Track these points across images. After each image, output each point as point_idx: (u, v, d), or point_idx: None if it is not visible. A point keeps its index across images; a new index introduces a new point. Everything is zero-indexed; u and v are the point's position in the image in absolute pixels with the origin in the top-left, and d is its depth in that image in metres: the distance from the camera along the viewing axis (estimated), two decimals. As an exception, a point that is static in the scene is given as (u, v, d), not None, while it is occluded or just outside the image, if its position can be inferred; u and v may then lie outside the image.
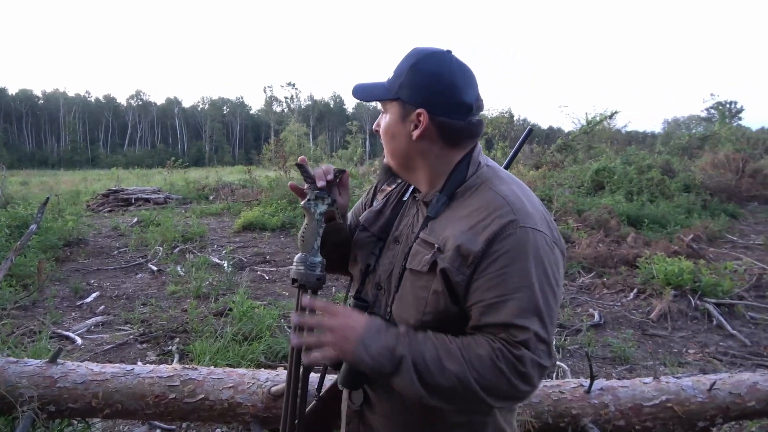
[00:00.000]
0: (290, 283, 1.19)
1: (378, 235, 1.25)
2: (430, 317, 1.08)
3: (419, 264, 1.10)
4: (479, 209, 1.08)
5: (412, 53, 1.14)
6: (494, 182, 1.12)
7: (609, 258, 6.96)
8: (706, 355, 4.26)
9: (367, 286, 1.24)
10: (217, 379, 2.56)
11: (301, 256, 1.16)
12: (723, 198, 13.37)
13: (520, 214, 1.04)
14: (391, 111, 1.16)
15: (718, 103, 44.48)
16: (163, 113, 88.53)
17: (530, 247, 1.02)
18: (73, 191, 17.34)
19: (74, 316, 5.08)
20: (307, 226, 1.17)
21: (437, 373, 0.99)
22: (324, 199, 1.18)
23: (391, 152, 1.19)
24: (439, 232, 1.11)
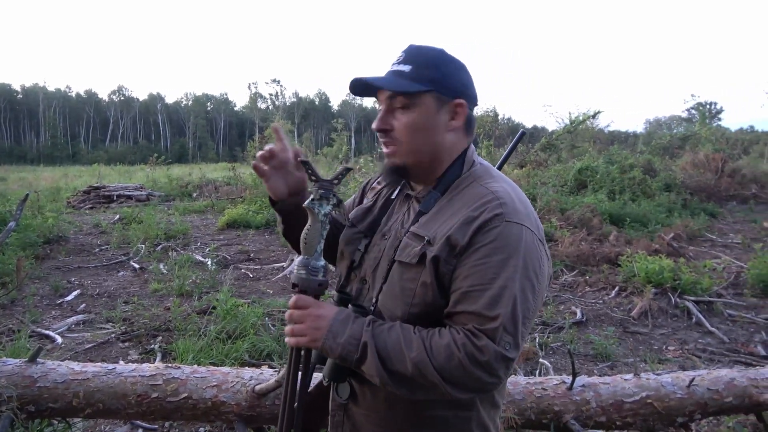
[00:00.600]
0: (291, 287, 1.15)
1: (365, 232, 1.26)
2: (417, 309, 1.09)
3: (408, 256, 1.11)
4: (469, 203, 1.10)
5: (425, 48, 1.15)
6: (485, 179, 1.15)
7: (591, 256, 7.04)
8: (686, 352, 4.33)
9: (351, 280, 1.25)
10: (200, 377, 2.54)
11: (302, 259, 1.12)
12: (703, 197, 13.60)
13: (507, 208, 1.06)
14: (422, 104, 1.12)
15: (699, 104, 45.24)
16: (145, 109, 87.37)
17: (513, 240, 1.03)
18: (53, 188, 17.06)
19: (54, 315, 5.01)
20: (310, 227, 1.11)
21: (398, 359, 1.02)
22: (329, 200, 1.13)
23: (416, 148, 1.14)
24: (429, 225, 1.13)
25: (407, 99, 1.12)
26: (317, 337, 1.07)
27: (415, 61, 1.13)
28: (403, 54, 1.15)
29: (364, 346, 1.04)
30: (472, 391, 1.03)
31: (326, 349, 1.07)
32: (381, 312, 1.14)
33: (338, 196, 1.15)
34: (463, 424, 1.16)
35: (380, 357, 1.03)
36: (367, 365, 1.04)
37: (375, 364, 1.03)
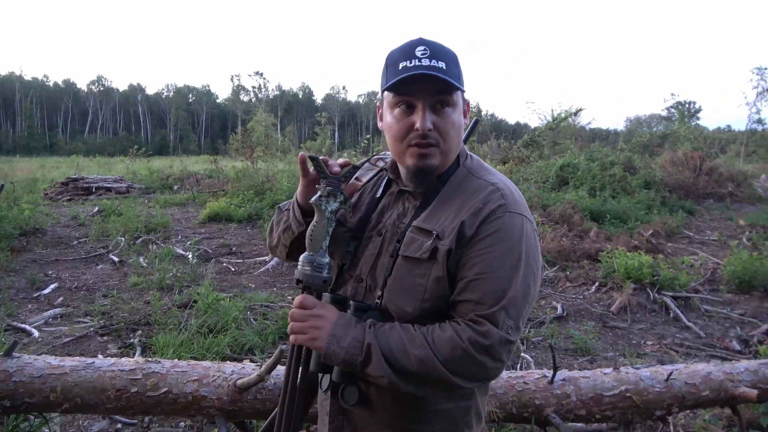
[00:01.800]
0: (294, 283, 1.14)
1: (353, 231, 1.24)
2: (429, 304, 1.09)
3: (417, 251, 1.10)
4: (471, 196, 1.11)
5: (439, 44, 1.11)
6: (482, 172, 1.18)
7: (572, 252, 7.11)
8: (664, 347, 4.41)
9: (345, 282, 1.23)
10: (181, 372, 2.51)
11: (307, 255, 1.10)
12: (681, 195, 13.84)
13: (508, 200, 1.10)
14: (458, 103, 1.12)
15: (678, 103, 46.01)
16: (125, 100, 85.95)
17: (516, 230, 1.07)
18: (30, 179, 16.73)
19: (31, 308, 4.92)
20: (316, 224, 1.10)
21: (403, 357, 1.02)
22: (336, 197, 1.12)
23: (453, 147, 1.13)
24: (433, 219, 1.12)
25: (449, 98, 1.09)
26: (317, 336, 1.07)
27: (445, 58, 1.08)
28: (427, 48, 1.08)
29: (368, 348, 1.04)
30: (478, 378, 1.05)
31: (330, 354, 1.06)
32: (387, 309, 1.13)
33: (345, 194, 1.14)
34: (464, 415, 1.18)
35: (385, 357, 1.03)
36: (373, 367, 1.04)
37: (381, 364, 1.02)
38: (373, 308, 1.13)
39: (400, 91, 1.09)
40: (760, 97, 45.55)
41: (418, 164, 1.12)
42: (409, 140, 1.11)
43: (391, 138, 1.14)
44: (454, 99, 1.10)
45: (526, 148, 18.52)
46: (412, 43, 1.10)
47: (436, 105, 1.09)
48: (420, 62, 1.06)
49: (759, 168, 26.78)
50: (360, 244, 1.22)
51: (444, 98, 1.09)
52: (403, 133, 1.11)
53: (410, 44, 1.10)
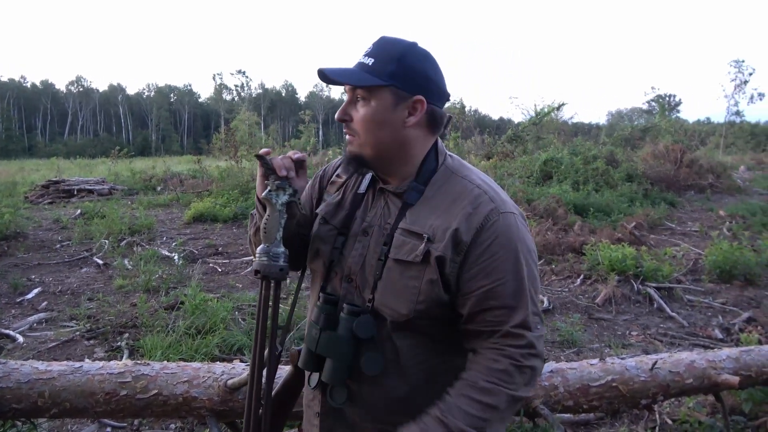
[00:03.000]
0: (253, 274, 1.18)
1: (339, 229, 1.24)
2: (423, 306, 1.10)
3: (409, 254, 1.11)
4: (459, 198, 1.13)
5: (393, 41, 1.15)
6: (464, 172, 1.19)
7: (557, 245, 7.19)
8: (648, 337, 4.48)
9: (332, 279, 1.23)
10: (170, 373, 2.50)
11: (263, 247, 1.15)
12: (663, 187, 14.03)
13: (497, 201, 1.12)
14: (380, 98, 1.12)
15: (659, 96, 46.59)
16: (105, 100, 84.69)
17: (513, 230, 1.11)
18: (9, 182, 16.45)
19: (14, 314, 4.85)
20: (269, 217, 1.15)
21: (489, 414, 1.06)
22: (285, 190, 1.17)
23: (374, 141, 1.15)
24: (422, 221, 1.13)
25: (365, 92, 1.12)
26: None
27: (380, 54, 1.12)
28: (372, 46, 1.14)
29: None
30: (534, 379, 1.11)
31: None
32: (379, 310, 1.14)
33: (294, 187, 1.19)
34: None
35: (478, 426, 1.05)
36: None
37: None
38: (365, 311, 1.14)
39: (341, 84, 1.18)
40: (738, 89, 46.31)
41: (345, 149, 1.22)
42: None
43: None
44: (371, 94, 1.12)
45: (510, 143, 18.64)
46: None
47: (354, 98, 1.15)
48: (359, 60, 1.15)
49: (738, 159, 27.30)
50: (346, 242, 1.22)
51: (358, 93, 1.14)
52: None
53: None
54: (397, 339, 1.14)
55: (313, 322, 1.19)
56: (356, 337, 1.12)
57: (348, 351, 1.13)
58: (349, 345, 1.13)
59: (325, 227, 1.27)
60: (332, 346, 1.14)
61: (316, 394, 1.23)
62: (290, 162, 1.20)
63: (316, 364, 1.18)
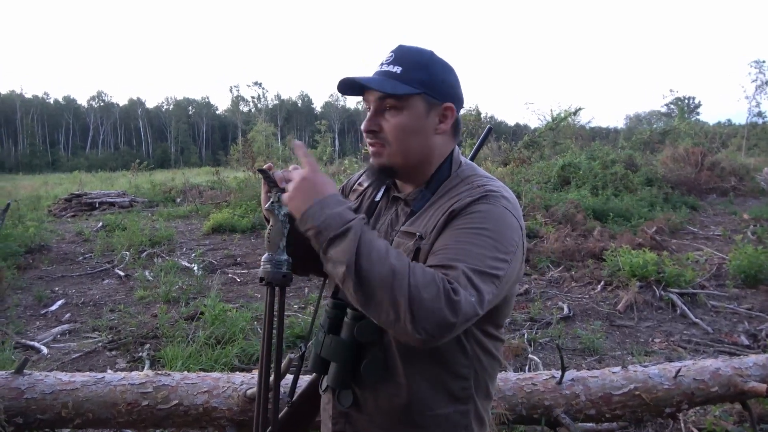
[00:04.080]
0: (258, 281, 1.22)
1: None
2: None
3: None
4: (456, 198, 1.12)
5: (416, 49, 1.15)
6: (473, 178, 1.18)
7: (576, 252, 7.11)
8: (671, 344, 4.40)
9: None
10: (191, 384, 2.53)
11: (267, 255, 1.19)
12: (683, 191, 13.82)
13: (493, 193, 1.10)
14: (412, 106, 1.13)
15: (677, 99, 46.03)
16: (126, 114, 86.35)
17: (491, 216, 1.06)
18: (33, 196, 16.79)
19: (39, 325, 4.94)
20: (272, 227, 1.19)
21: (378, 259, 0.95)
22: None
23: (406, 150, 1.15)
24: (418, 223, 1.15)
25: (397, 101, 1.12)
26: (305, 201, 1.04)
27: (406, 62, 1.13)
28: (393, 54, 1.15)
29: (348, 228, 0.98)
30: (429, 329, 0.93)
31: (307, 216, 1.02)
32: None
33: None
34: (463, 419, 1.17)
35: (359, 246, 0.96)
36: (340, 248, 0.97)
37: (350, 250, 0.96)
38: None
39: (361, 94, 1.18)
40: (759, 90, 45.57)
41: (371, 161, 1.19)
42: (366, 140, 1.18)
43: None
44: (402, 103, 1.12)
45: (526, 149, 18.53)
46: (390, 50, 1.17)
47: (382, 108, 1.14)
48: (380, 68, 1.15)
49: (761, 161, 26.72)
50: None
51: (388, 102, 1.12)
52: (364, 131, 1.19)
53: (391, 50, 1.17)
54: (397, 345, 1.14)
55: (320, 325, 1.22)
56: (358, 341, 1.13)
57: (350, 355, 1.14)
58: (351, 349, 1.14)
59: None
60: (335, 350, 1.15)
61: (330, 397, 1.25)
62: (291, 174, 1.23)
63: (323, 368, 1.20)
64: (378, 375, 1.14)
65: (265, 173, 1.20)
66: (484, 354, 1.17)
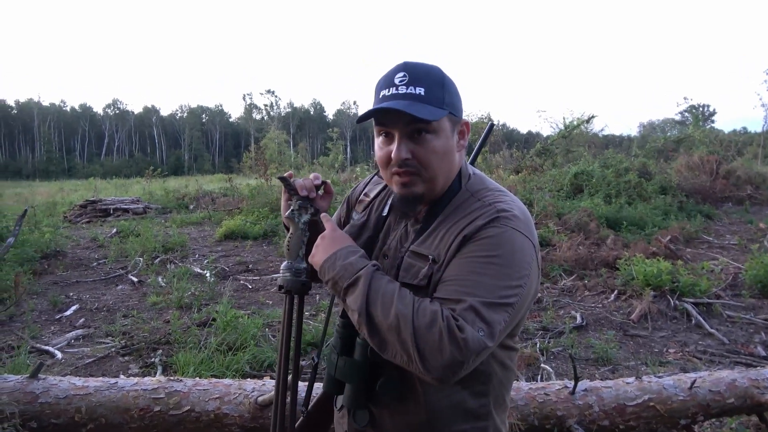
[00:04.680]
0: (277, 289, 1.23)
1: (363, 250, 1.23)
2: None
3: (414, 278, 1.10)
4: (468, 217, 1.10)
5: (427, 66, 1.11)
6: (484, 193, 1.15)
7: (589, 260, 7.05)
8: (686, 354, 4.34)
9: None
10: (202, 390, 2.54)
11: (286, 263, 1.20)
12: (698, 199, 13.66)
13: (504, 213, 1.07)
14: (443, 127, 1.09)
15: (692, 107, 45.46)
16: (140, 122, 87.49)
17: (504, 241, 1.04)
18: (49, 202, 17.02)
19: (53, 330, 4.99)
20: (292, 235, 1.20)
21: (384, 305, 1.00)
22: (307, 209, 1.22)
23: (441, 173, 1.12)
24: (428, 243, 1.12)
25: (428, 125, 1.07)
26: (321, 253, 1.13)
27: (426, 82, 1.07)
28: (406, 74, 1.08)
29: (359, 278, 1.04)
30: (439, 368, 0.95)
31: (324, 269, 1.10)
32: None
33: (315, 206, 1.24)
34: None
35: (368, 294, 1.02)
36: (353, 297, 1.04)
37: (361, 298, 1.02)
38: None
39: (378, 121, 1.10)
40: (776, 97, 44.96)
41: (402, 192, 1.14)
42: (391, 168, 1.12)
43: (378, 165, 1.17)
44: (434, 125, 1.08)
45: (539, 156, 18.47)
46: (394, 70, 1.10)
47: (413, 133, 1.08)
48: (398, 90, 1.07)
49: (777, 169, 26.39)
50: None
51: (422, 126, 1.07)
52: (385, 161, 1.13)
53: (392, 71, 1.10)
54: None
55: (332, 346, 1.21)
56: (372, 361, 1.12)
57: (364, 376, 1.13)
58: (365, 370, 1.13)
59: None
60: (349, 371, 1.15)
61: (345, 413, 1.24)
62: (311, 183, 1.23)
63: (338, 388, 1.19)
64: (394, 394, 1.13)
65: (285, 181, 1.21)
66: (500, 368, 1.17)
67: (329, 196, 1.29)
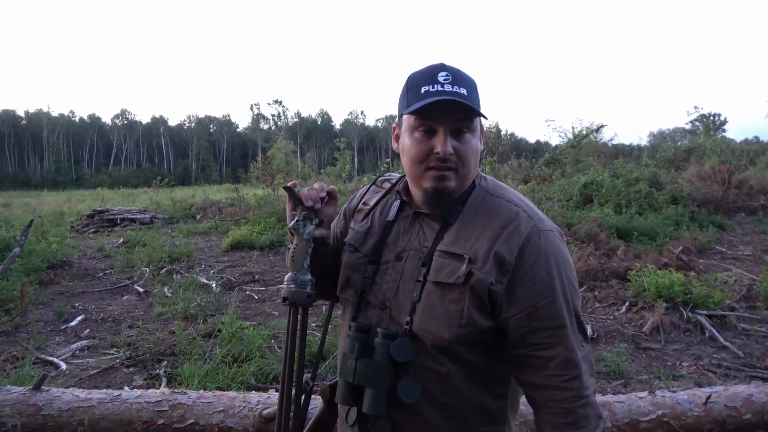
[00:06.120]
0: (281, 301, 1.21)
1: (370, 257, 1.23)
2: (465, 330, 1.08)
3: (450, 276, 1.09)
4: (497, 219, 1.13)
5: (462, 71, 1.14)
6: (499, 191, 1.20)
7: (600, 271, 6.99)
8: (700, 368, 4.27)
9: (365, 309, 1.21)
10: (206, 403, 2.52)
11: (291, 275, 1.18)
12: (710, 209, 13.53)
13: (536, 219, 1.12)
14: (478, 129, 1.15)
15: (702, 116, 45.29)
16: (148, 132, 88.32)
17: (555, 248, 1.11)
18: (57, 212, 17.16)
19: (58, 341, 4.99)
20: (296, 246, 1.19)
21: None
22: (312, 220, 1.20)
23: (471, 172, 1.16)
24: (461, 242, 1.12)
25: (471, 123, 1.12)
26: None
27: (467, 84, 1.11)
28: (449, 74, 1.10)
29: None
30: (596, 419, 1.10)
31: None
32: (418, 335, 1.11)
33: (320, 217, 1.22)
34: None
35: None
36: None
37: None
38: (402, 335, 1.11)
39: (424, 115, 1.10)
40: (788, 106, 44.64)
41: (437, 186, 1.12)
42: (428, 163, 1.11)
43: (408, 160, 1.15)
44: (474, 125, 1.13)
45: (547, 166, 18.43)
46: (434, 68, 1.12)
47: (456, 130, 1.11)
48: (443, 87, 1.08)
49: (791, 179, 26.14)
50: (378, 270, 1.21)
51: (465, 124, 1.11)
52: (423, 156, 1.12)
53: (433, 69, 1.12)
54: (436, 365, 1.11)
55: (347, 352, 1.16)
56: (394, 361, 1.09)
57: (387, 377, 1.09)
58: (388, 370, 1.09)
59: (355, 255, 1.26)
60: (370, 373, 1.10)
61: (355, 430, 1.19)
62: (316, 193, 1.21)
63: (354, 398, 1.13)
64: (416, 396, 1.10)
65: (290, 191, 1.20)
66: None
67: (334, 202, 1.28)
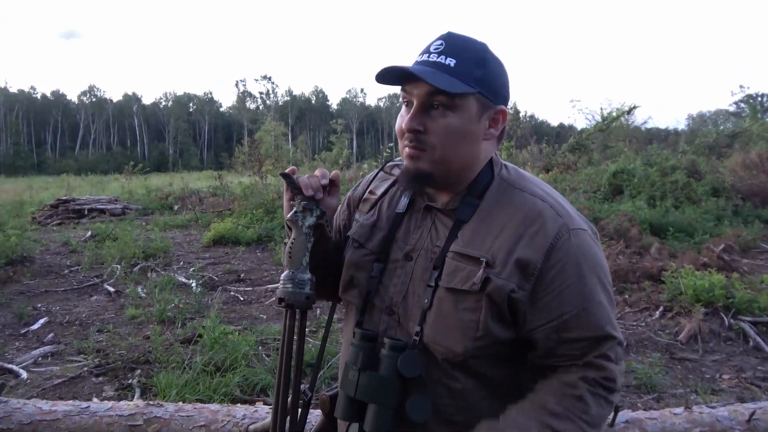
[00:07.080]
0: (276, 302, 1.20)
1: (377, 254, 1.23)
2: (482, 342, 1.08)
3: (465, 282, 1.08)
4: (522, 216, 1.11)
5: (469, 40, 1.13)
6: (522, 183, 1.17)
7: (631, 272, 7.01)
8: (743, 381, 4.29)
9: (371, 312, 1.21)
10: (186, 416, 2.53)
11: (288, 273, 1.16)
12: (756, 203, 13.50)
13: (564, 216, 1.11)
14: (465, 107, 1.09)
15: (749, 96, 45.12)
16: (120, 111, 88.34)
17: (587, 249, 1.12)
18: (16, 201, 17.20)
19: (18, 346, 5.02)
20: (294, 240, 1.17)
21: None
22: (312, 211, 1.18)
23: (452, 156, 1.12)
24: (478, 243, 1.10)
25: (449, 99, 1.08)
26: None
27: (461, 55, 1.09)
28: (443, 42, 1.10)
29: None
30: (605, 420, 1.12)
31: None
32: (429, 347, 1.11)
33: (321, 208, 1.19)
34: None
35: None
36: None
37: None
38: (411, 346, 1.11)
39: (402, 86, 1.13)
40: None
41: (408, 165, 1.14)
42: (404, 140, 1.14)
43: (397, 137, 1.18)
44: (457, 102, 1.09)
45: (572, 152, 18.43)
46: (435, 38, 1.13)
47: (431, 106, 1.09)
48: (428, 57, 1.10)
49: None
50: (386, 269, 1.21)
51: (440, 99, 1.08)
52: (399, 132, 1.15)
53: (434, 39, 1.13)
54: (449, 381, 1.11)
55: (350, 363, 1.15)
56: (402, 376, 1.08)
57: (393, 394, 1.09)
58: (395, 386, 1.08)
59: (360, 252, 1.25)
60: (374, 389, 1.10)
61: None
62: (317, 181, 1.19)
63: (356, 413, 1.13)
64: (426, 415, 1.09)
65: (288, 178, 1.18)
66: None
67: (337, 191, 1.26)
